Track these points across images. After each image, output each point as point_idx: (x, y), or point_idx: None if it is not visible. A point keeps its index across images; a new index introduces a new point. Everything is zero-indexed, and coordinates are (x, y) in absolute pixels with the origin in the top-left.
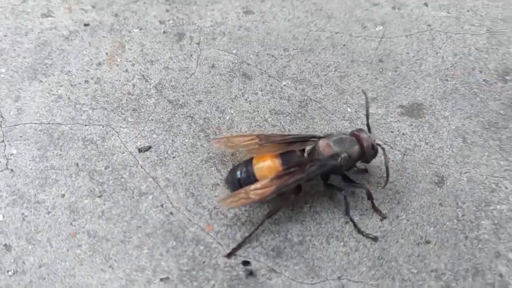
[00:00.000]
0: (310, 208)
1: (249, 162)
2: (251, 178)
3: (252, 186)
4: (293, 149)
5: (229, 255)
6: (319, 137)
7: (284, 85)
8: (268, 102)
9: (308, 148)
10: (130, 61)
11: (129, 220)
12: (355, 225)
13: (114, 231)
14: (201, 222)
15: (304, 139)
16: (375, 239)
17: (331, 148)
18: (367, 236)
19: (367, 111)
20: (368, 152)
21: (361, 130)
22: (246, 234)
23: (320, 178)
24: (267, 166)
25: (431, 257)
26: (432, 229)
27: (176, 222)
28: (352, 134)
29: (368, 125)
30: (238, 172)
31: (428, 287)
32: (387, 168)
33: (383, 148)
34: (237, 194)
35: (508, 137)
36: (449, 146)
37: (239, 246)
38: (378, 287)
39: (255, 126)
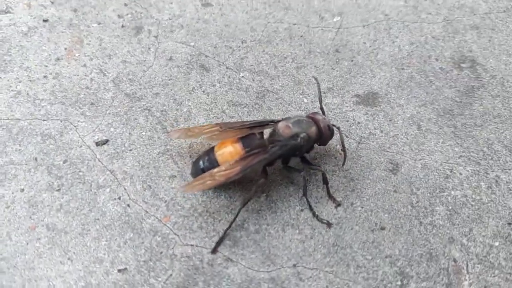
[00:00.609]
0: (267, 197)
1: (210, 151)
2: (215, 165)
3: (216, 169)
4: (252, 132)
5: (213, 251)
6: (277, 121)
7: (242, 76)
8: (226, 94)
9: (267, 131)
10: (88, 55)
11: (87, 213)
12: (311, 208)
13: (72, 224)
14: (158, 213)
15: (262, 124)
16: (329, 224)
17: (290, 129)
18: (321, 221)
19: (320, 94)
20: (325, 133)
21: (316, 113)
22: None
23: (281, 162)
24: (228, 151)
25: (385, 243)
26: (386, 215)
27: (133, 214)
28: (308, 116)
29: (322, 109)
30: (201, 162)
31: (382, 272)
32: (343, 146)
33: (338, 128)
34: (202, 177)
35: (463, 123)
36: (404, 134)
37: (221, 240)
38: (333, 274)
39: (213, 117)
